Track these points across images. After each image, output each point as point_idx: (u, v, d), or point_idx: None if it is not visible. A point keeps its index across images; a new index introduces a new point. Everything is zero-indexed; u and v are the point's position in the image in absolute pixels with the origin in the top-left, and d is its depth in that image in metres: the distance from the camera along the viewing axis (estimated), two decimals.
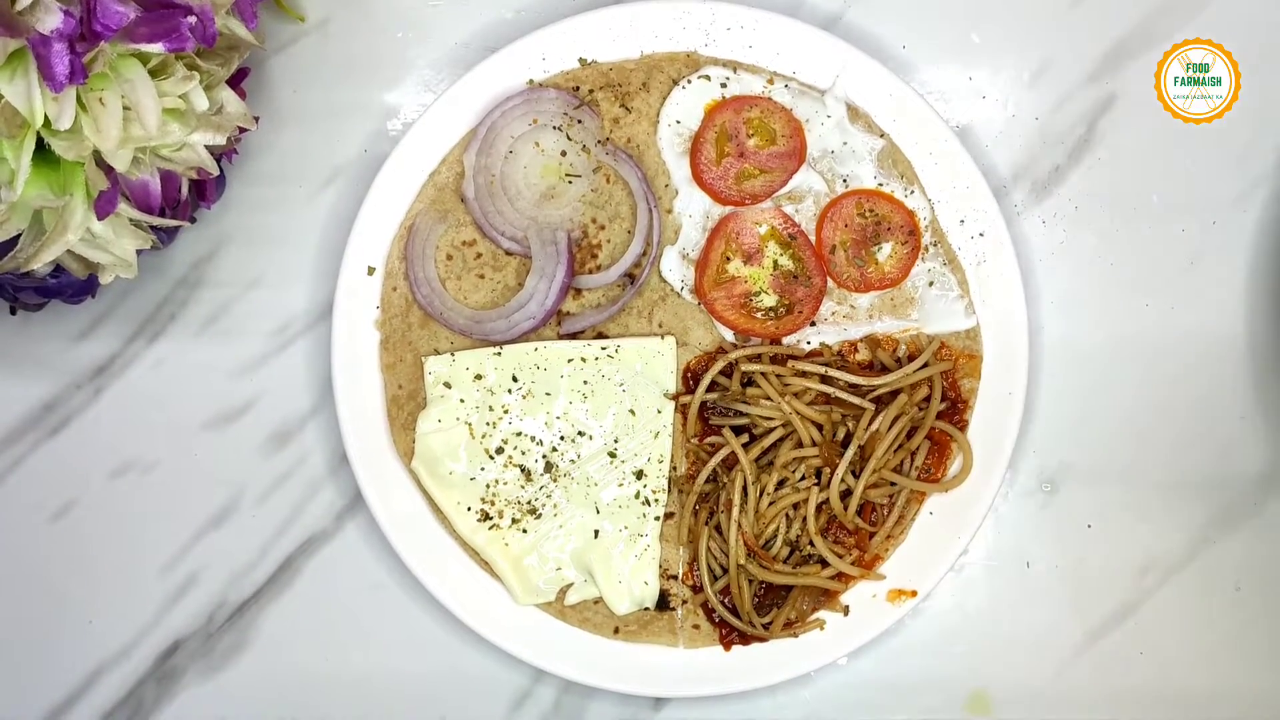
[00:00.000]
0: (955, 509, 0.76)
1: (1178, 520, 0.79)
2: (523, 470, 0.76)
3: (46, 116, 0.59)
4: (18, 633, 0.79)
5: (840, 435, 0.75)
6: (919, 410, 0.75)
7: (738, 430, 0.75)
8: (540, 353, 0.76)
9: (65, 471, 0.79)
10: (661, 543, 0.77)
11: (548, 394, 0.76)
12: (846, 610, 0.75)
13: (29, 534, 0.79)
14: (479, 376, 0.76)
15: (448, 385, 0.76)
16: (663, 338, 0.77)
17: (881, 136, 0.77)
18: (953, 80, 0.80)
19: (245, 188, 0.79)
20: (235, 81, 0.71)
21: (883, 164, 0.77)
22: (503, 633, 0.75)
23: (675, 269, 0.77)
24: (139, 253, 0.68)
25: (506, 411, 0.76)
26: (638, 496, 0.76)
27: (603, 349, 0.76)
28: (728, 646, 0.76)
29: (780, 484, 0.75)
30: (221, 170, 0.74)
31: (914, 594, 0.75)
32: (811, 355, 0.76)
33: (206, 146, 0.67)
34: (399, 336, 0.77)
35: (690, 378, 0.77)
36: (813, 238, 0.77)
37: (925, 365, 0.75)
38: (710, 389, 0.76)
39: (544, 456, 0.76)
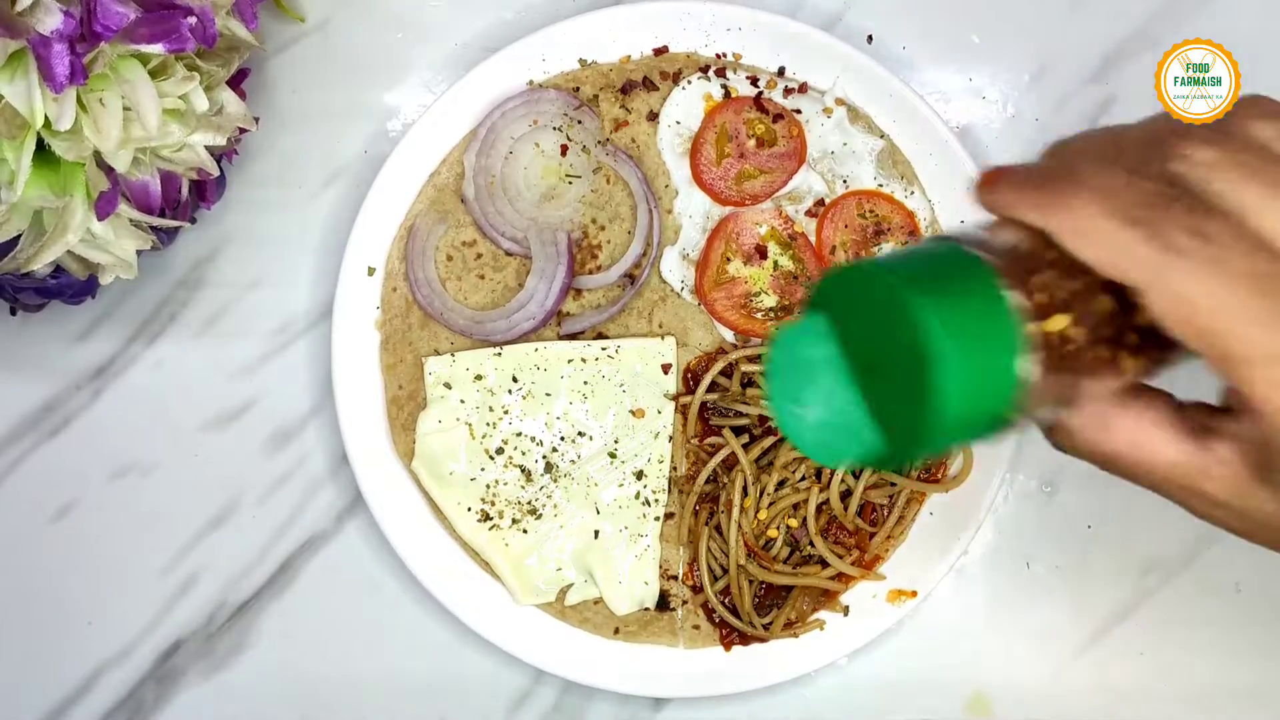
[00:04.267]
0: (955, 509, 0.75)
1: (1178, 521, 0.78)
2: (523, 471, 0.76)
3: (47, 117, 0.59)
4: (18, 633, 0.79)
5: None
6: None
7: (738, 430, 0.75)
8: (540, 353, 0.76)
9: (65, 472, 0.79)
10: (661, 543, 0.77)
11: (548, 394, 0.76)
12: (846, 610, 0.75)
13: (29, 534, 0.79)
14: (479, 377, 0.76)
15: (448, 386, 0.76)
16: (663, 338, 0.77)
17: (881, 137, 0.77)
18: (952, 81, 0.80)
19: (245, 188, 0.79)
20: (235, 82, 0.71)
21: (883, 164, 0.77)
22: (503, 633, 0.75)
23: (675, 269, 0.77)
24: (139, 253, 0.68)
25: (507, 412, 0.76)
26: (638, 497, 0.76)
27: (603, 349, 0.76)
28: (728, 647, 0.76)
29: (780, 484, 0.75)
30: (222, 171, 0.74)
31: (914, 594, 0.75)
32: None
33: (207, 147, 0.67)
34: (399, 337, 0.77)
35: (690, 378, 0.77)
36: (813, 238, 0.77)
37: None
38: (710, 389, 0.76)
39: (544, 457, 0.76)
